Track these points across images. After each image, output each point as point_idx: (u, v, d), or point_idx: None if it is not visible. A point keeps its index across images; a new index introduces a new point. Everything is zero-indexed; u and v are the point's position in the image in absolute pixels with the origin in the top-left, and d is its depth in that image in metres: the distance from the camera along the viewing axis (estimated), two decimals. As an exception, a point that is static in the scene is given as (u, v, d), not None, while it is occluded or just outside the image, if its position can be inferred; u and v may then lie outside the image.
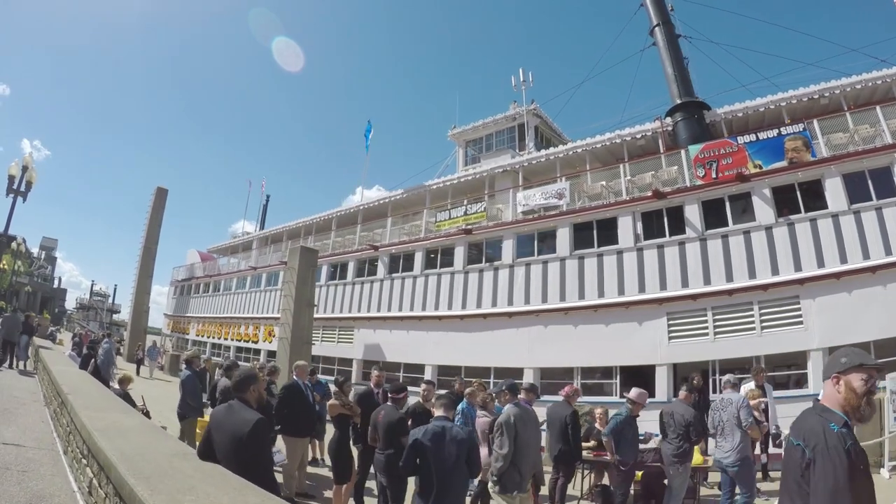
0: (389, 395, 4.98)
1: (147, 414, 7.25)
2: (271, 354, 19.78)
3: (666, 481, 5.44)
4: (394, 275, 16.02)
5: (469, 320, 13.24)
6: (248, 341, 21.66)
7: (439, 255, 15.00)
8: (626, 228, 11.12)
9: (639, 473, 6.28)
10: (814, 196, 9.19)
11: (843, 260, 8.51)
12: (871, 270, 8.21)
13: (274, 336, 19.47)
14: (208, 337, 24.84)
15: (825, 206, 8.98)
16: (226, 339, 23.39)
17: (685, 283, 9.97)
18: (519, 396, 4.96)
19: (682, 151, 11.13)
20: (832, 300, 8.43)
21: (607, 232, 11.48)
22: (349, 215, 21.24)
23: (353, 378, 15.65)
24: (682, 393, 5.62)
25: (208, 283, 27.35)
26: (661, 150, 12.90)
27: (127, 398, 6.78)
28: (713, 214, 10.16)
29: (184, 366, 7.83)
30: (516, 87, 19.48)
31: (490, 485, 4.66)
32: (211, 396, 7.55)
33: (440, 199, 18.10)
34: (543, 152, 16.01)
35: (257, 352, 20.92)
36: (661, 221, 10.79)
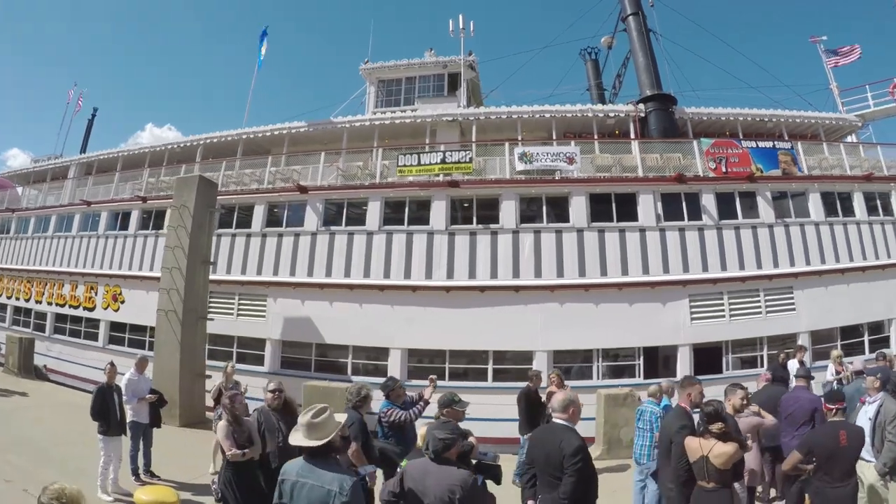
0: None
1: None
2: (118, 327, 14.01)
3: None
4: (333, 228, 13.06)
5: (458, 293, 11.94)
6: (76, 307, 15.16)
7: (406, 209, 12.96)
8: (648, 207, 11.98)
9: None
10: (800, 205, 11.94)
11: (823, 261, 11.41)
12: (840, 272, 11.28)
13: (122, 302, 13.70)
14: (8, 297, 17.68)
15: (809, 215, 11.79)
16: (38, 301, 16.31)
17: (705, 268, 11.50)
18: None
19: (695, 142, 12.66)
20: (815, 292, 11.22)
21: (627, 207, 12.13)
22: (224, 144, 16.78)
23: (268, 365, 12.35)
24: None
25: (8, 219, 19.31)
26: (633, 135, 14.45)
27: None
28: (725, 206, 11.99)
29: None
30: (453, 32, 18.48)
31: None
32: None
33: (359, 141, 16.06)
34: (505, 108, 15.83)
35: (94, 323, 14.92)
36: (679, 205, 12.07)
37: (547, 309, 11.53)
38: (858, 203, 12.11)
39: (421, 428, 4.67)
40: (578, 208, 12.14)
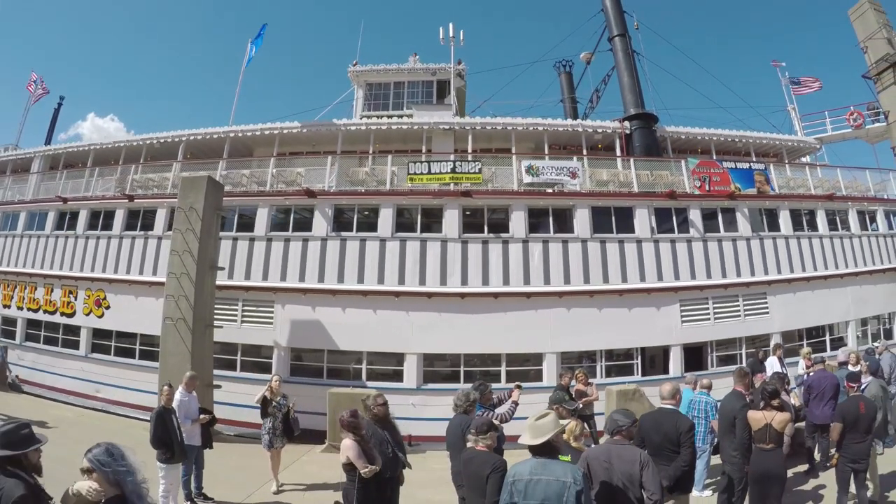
0: None
1: None
2: (102, 334, 13.37)
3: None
4: (344, 233, 13.35)
5: (472, 300, 12.69)
6: (52, 312, 14.29)
7: (419, 217, 13.49)
8: (643, 220, 13.33)
9: None
10: (772, 220, 13.78)
11: (791, 270, 13.26)
12: (806, 280, 13.20)
13: (107, 307, 13.20)
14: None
15: (780, 230, 13.64)
16: (6, 305, 15.13)
17: (693, 276, 13.01)
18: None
19: (683, 162, 14.18)
20: (785, 298, 13.08)
21: (624, 220, 13.41)
22: (208, 142, 16.82)
23: (276, 371, 12.41)
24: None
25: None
26: (618, 150, 15.90)
27: None
28: (709, 221, 13.58)
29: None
30: (444, 40, 19.22)
31: None
32: None
33: (351, 144, 16.51)
34: (500, 120, 16.76)
35: (73, 330, 14.13)
36: (670, 219, 13.52)
37: (556, 313, 12.55)
38: (821, 220, 14.22)
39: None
40: (582, 220, 13.25)
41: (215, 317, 12.75)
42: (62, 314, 14.28)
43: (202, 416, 7.18)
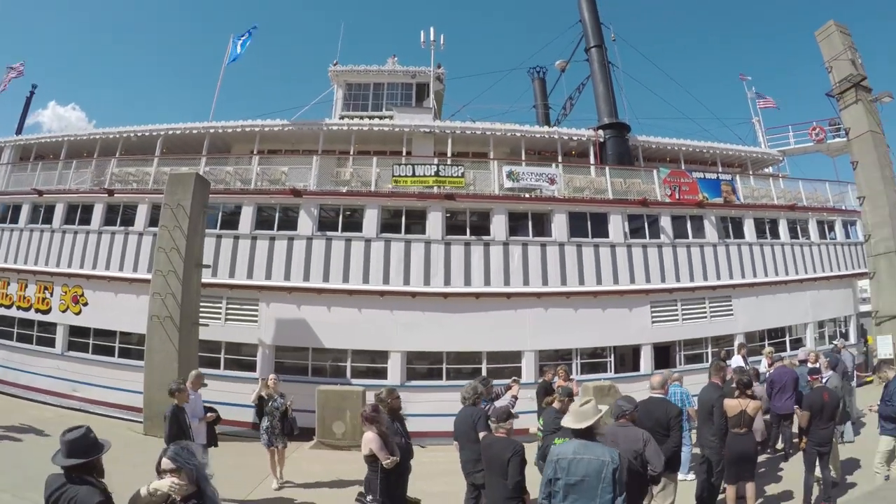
0: None
1: None
2: (80, 332, 13.13)
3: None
4: (330, 233, 13.57)
5: (455, 300, 13.11)
6: (27, 308, 14.00)
7: (403, 218, 13.83)
8: (617, 225, 14.02)
9: None
10: (738, 228, 14.67)
11: (755, 275, 14.16)
12: (768, 284, 14.11)
13: (84, 304, 13.04)
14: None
15: (744, 237, 14.53)
16: None
17: (663, 279, 13.75)
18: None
19: (655, 171, 14.95)
20: (749, 301, 13.97)
21: (600, 226, 14.06)
22: (187, 137, 16.62)
23: (260, 369, 12.59)
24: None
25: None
26: (592, 158, 16.61)
27: None
28: (679, 227, 14.36)
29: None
30: (424, 43, 19.48)
31: None
32: None
33: (329, 143, 16.61)
34: (479, 125, 17.25)
35: (49, 327, 13.87)
36: (642, 225, 14.26)
37: (534, 313, 13.10)
38: (783, 228, 15.25)
39: None
40: (560, 225, 13.84)
41: (200, 315, 12.85)
42: (37, 310, 14.02)
43: (208, 415, 7.22)
